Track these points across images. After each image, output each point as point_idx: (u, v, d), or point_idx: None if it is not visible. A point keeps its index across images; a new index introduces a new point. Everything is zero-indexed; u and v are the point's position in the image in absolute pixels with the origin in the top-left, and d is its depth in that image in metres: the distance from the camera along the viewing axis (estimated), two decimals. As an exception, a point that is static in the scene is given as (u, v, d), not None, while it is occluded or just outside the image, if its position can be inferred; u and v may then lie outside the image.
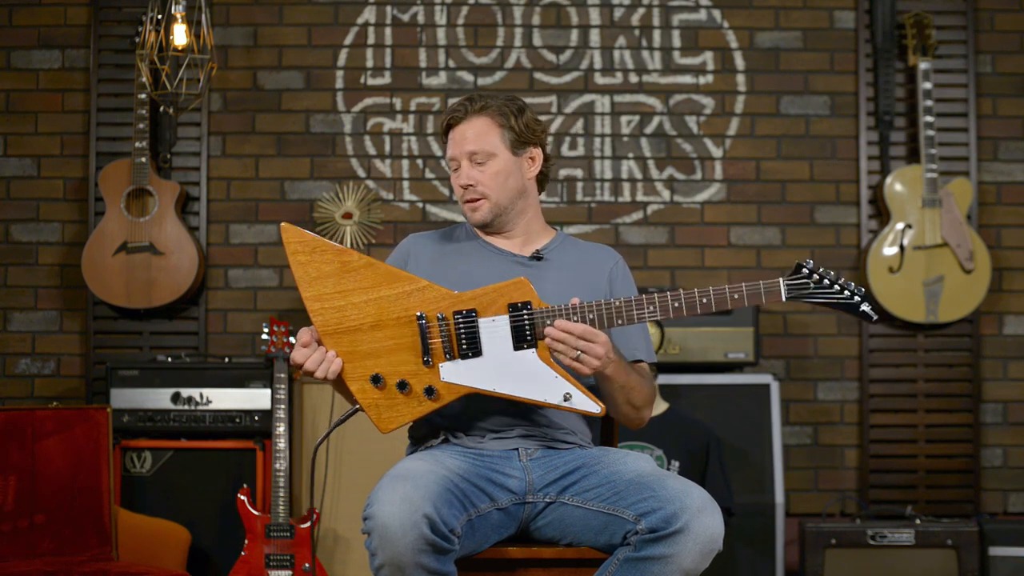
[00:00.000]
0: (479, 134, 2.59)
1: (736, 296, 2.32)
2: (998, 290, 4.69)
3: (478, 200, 2.59)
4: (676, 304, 2.34)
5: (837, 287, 2.32)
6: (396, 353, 2.40)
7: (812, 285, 2.32)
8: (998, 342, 4.71)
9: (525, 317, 2.36)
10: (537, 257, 2.62)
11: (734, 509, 3.97)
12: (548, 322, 2.35)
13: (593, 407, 2.38)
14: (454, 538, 2.23)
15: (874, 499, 4.62)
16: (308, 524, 4.02)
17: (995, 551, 4.13)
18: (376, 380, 2.41)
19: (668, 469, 3.79)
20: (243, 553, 4.02)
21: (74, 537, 3.88)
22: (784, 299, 2.32)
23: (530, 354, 2.37)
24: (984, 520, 4.26)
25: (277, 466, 4.03)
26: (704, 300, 2.33)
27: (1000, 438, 4.69)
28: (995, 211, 4.73)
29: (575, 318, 2.35)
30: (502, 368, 2.38)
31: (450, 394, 2.40)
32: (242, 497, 4.04)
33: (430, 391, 2.40)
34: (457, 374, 2.39)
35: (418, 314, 2.38)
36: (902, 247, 4.54)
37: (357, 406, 2.48)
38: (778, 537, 4.14)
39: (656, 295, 2.36)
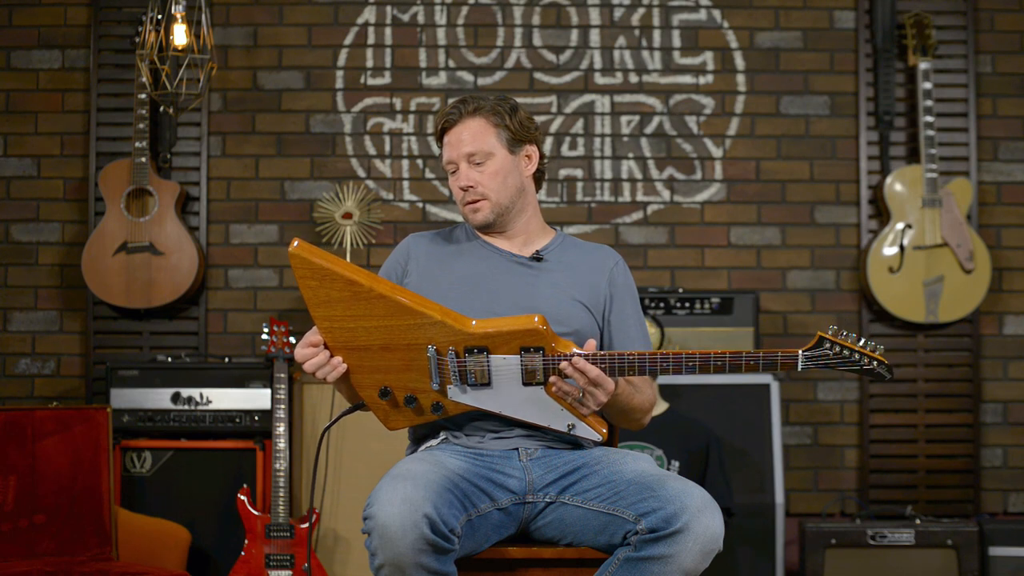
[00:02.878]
0: (475, 135, 2.59)
1: (752, 362, 2.34)
2: (998, 290, 4.69)
3: (479, 201, 2.59)
4: (691, 363, 2.35)
5: (856, 355, 2.32)
6: (405, 372, 2.41)
7: (831, 356, 2.33)
8: (998, 342, 4.70)
9: (537, 362, 2.36)
10: (537, 258, 2.62)
11: (734, 509, 3.97)
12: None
13: (594, 436, 2.42)
14: (454, 538, 2.23)
15: (874, 499, 4.62)
16: (308, 524, 4.02)
17: (995, 551, 4.13)
18: (384, 393, 2.44)
19: (668, 469, 3.79)
20: (243, 553, 4.02)
21: (74, 537, 3.88)
22: (799, 369, 2.35)
23: (539, 390, 2.39)
24: (984, 520, 4.25)
25: (277, 466, 4.03)
26: (719, 363, 2.34)
27: (1000, 438, 4.68)
28: (995, 211, 4.73)
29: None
30: (509, 397, 2.40)
31: (457, 410, 2.44)
32: (242, 497, 4.04)
33: (437, 407, 2.43)
34: (465, 397, 2.41)
35: (429, 347, 2.38)
36: (902, 247, 4.54)
37: (362, 402, 2.50)
38: (778, 537, 4.13)
39: (671, 353, 2.37)
